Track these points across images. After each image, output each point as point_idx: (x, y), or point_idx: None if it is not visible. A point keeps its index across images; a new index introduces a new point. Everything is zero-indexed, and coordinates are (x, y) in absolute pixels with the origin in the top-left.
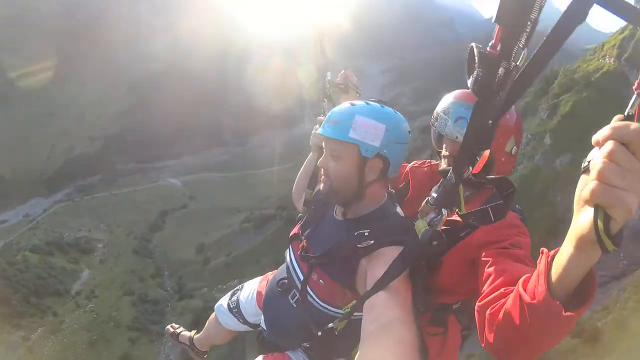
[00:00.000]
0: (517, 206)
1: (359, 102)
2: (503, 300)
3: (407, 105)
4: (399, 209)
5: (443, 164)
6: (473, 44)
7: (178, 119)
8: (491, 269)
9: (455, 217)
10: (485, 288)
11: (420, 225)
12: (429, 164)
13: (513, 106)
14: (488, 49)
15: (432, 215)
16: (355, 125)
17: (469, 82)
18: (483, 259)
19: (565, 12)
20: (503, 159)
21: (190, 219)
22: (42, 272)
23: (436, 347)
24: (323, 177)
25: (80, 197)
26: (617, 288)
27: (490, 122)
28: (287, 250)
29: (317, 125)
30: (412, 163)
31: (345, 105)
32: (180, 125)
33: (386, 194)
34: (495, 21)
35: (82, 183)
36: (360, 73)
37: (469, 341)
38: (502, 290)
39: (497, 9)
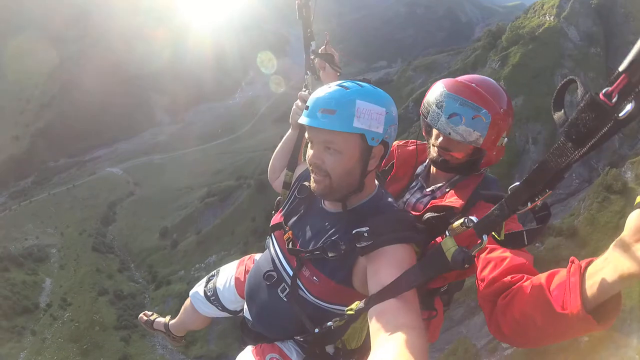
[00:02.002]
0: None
1: (349, 83)
2: (513, 290)
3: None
4: (391, 198)
5: (432, 153)
6: (576, 79)
7: (104, 104)
8: (491, 255)
9: (446, 203)
10: (487, 274)
11: (449, 244)
12: (413, 143)
13: (506, 93)
14: (601, 95)
15: (418, 195)
16: (358, 113)
17: (558, 118)
18: None
19: None
20: (494, 153)
21: (141, 205)
22: (3, 291)
23: None
24: (315, 175)
25: (16, 204)
26: (575, 200)
27: (564, 165)
28: (269, 239)
29: (299, 102)
30: (395, 142)
31: (331, 88)
32: (107, 110)
33: (377, 181)
34: (624, 70)
35: (15, 189)
36: (285, 40)
37: None
38: (508, 277)
39: (631, 57)
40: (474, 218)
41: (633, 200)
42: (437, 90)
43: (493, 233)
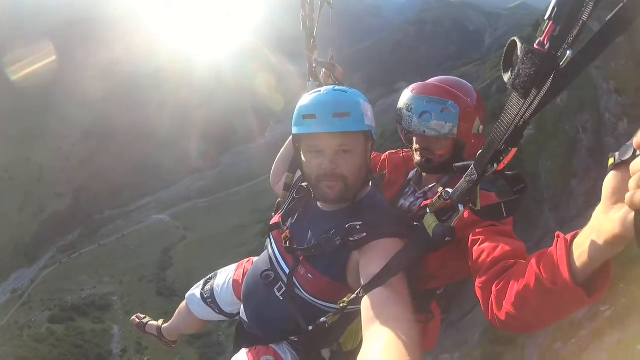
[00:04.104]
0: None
1: (341, 87)
2: (507, 275)
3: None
4: (382, 196)
5: (416, 157)
6: (516, 38)
7: (142, 155)
8: (484, 245)
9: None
10: (481, 264)
11: (430, 220)
12: (402, 152)
13: (471, 85)
14: (535, 45)
15: (411, 199)
16: (365, 112)
17: (507, 77)
18: (473, 237)
19: (610, 19)
20: (473, 141)
21: (196, 248)
22: (75, 341)
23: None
24: (328, 182)
25: (66, 257)
26: None
27: (522, 120)
28: (268, 239)
29: None
30: (388, 151)
31: (329, 93)
32: (146, 162)
33: (370, 180)
34: (548, 18)
35: (63, 243)
36: (303, 75)
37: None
38: (501, 264)
39: (552, 5)
40: (449, 190)
41: None
42: (405, 96)
43: (471, 205)
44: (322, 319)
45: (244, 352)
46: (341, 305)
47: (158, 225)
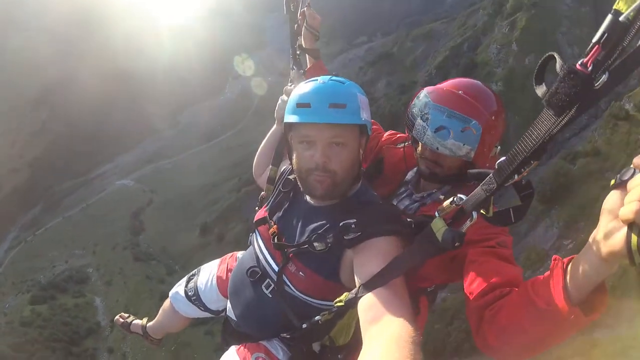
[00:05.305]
0: None
1: (338, 78)
2: (501, 301)
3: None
4: (374, 193)
5: (421, 165)
6: (555, 54)
7: (97, 122)
8: (480, 268)
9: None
10: (476, 288)
11: (439, 225)
12: (401, 140)
13: (493, 94)
14: (577, 66)
15: (406, 202)
16: (362, 105)
17: (541, 92)
18: (470, 257)
19: (638, 48)
20: (487, 165)
21: (166, 210)
22: (62, 318)
23: None
24: (317, 176)
25: (31, 234)
26: (589, 131)
27: (546, 135)
28: (253, 235)
29: (284, 96)
30: (384, 137)
31: (326, 83)
32: (102, 127)
33: (360, 177)
34: (597, 42)
35: (26, 220)
36: (260, 29)
37: None
38: (497, 291)
39: (602, 31)
40: (462, 196)
41: (637, 123)
42: (421, 101)
43: (482, 211)
44: (317, 318)
45: (233, 350)
46: (338, 304)
47: (122, 191)
